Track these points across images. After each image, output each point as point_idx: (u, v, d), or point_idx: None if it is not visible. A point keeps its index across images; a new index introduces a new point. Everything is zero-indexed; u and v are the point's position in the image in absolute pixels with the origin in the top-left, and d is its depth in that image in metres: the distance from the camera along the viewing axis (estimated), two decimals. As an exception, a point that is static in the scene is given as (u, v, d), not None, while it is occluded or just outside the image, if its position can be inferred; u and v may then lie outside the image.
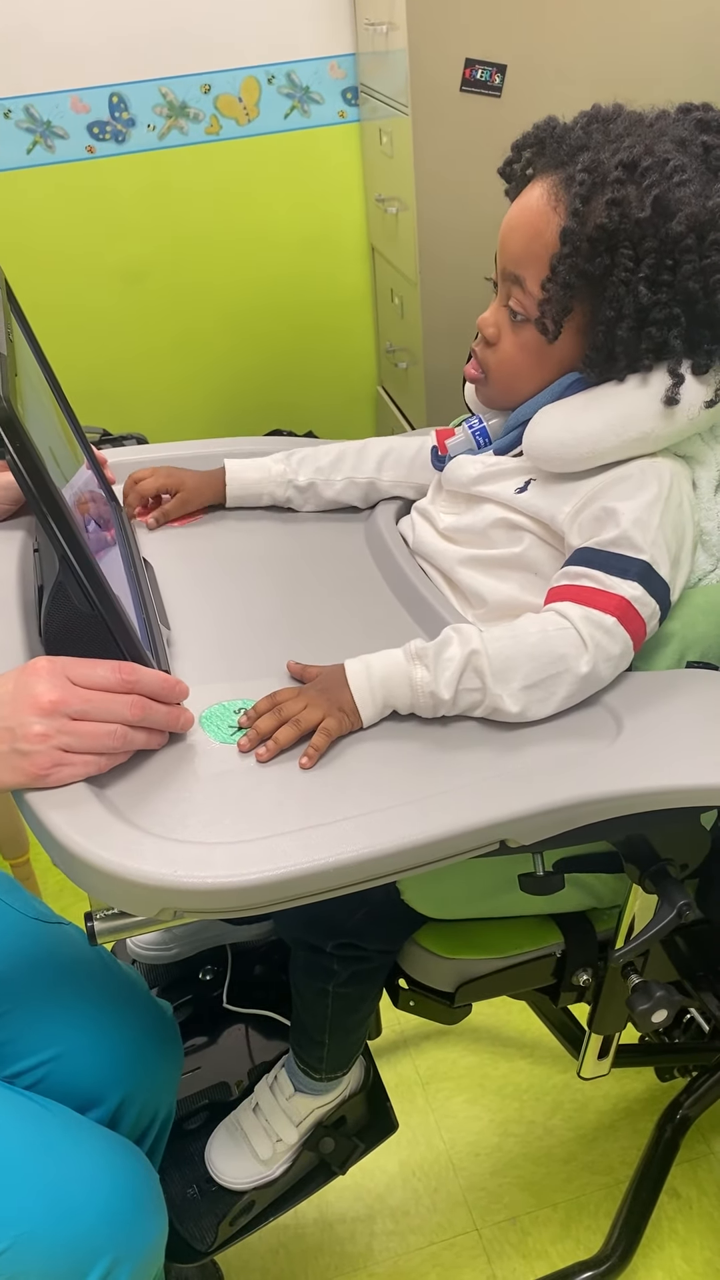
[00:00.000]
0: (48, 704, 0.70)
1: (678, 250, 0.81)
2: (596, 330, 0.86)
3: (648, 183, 0.81)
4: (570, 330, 0.88)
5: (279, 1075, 1.09)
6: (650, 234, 0.81)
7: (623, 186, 0.82)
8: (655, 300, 0.82)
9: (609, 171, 0.82)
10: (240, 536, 1.05)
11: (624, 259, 0.82)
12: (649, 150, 0.82)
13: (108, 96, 2.13)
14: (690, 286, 0.82)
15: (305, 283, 2.41)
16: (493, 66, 1.84)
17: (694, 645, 0.87)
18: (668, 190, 0.81)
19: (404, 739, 0.78)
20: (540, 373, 0.92)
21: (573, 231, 0.83)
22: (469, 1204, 1.39)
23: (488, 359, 0.94)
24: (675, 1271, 1.30)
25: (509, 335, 0.91)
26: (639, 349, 0.85)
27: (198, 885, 0.65)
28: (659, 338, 0.84)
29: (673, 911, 0.81)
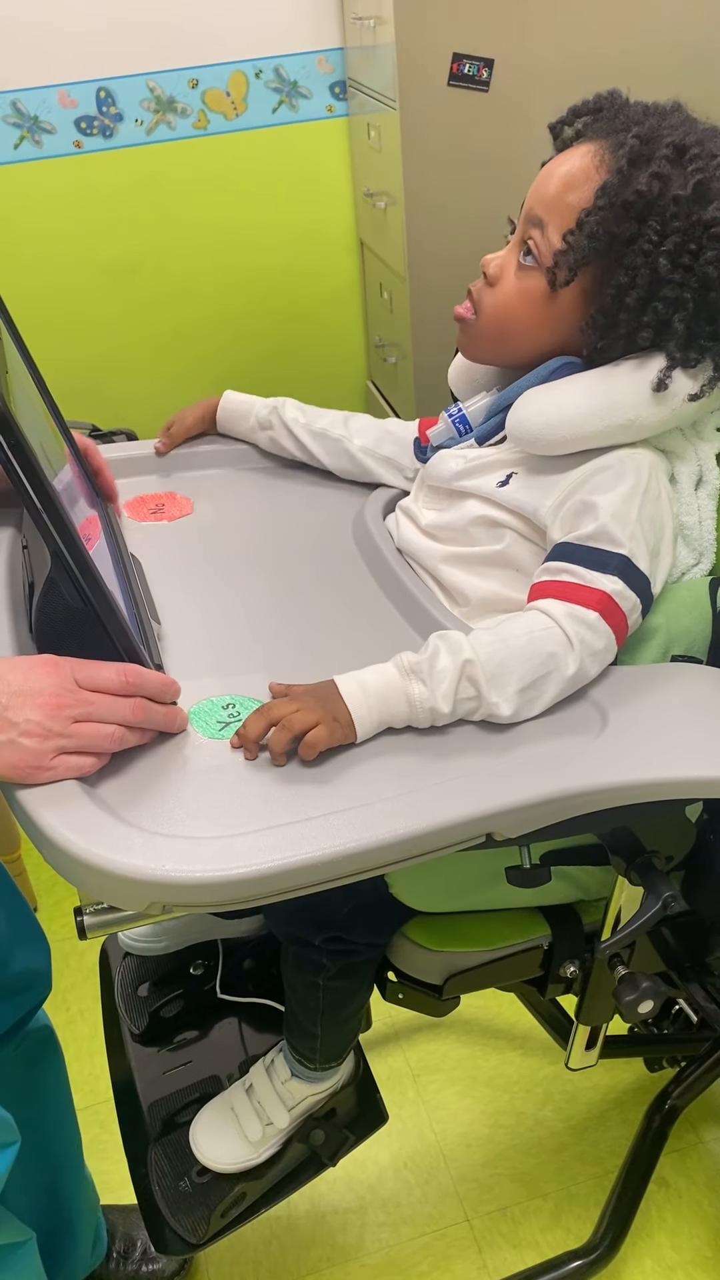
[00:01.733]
0: (54, 705, 0.70)
1: (706, 236, 0.82)
2: (605, 294, 0.86)
3: (693, 167, 0.82)
4: (576, 290, 0.88)
5: (275, 1059, 1.09)
6: (683, 214, 0.82)
7: (669, 164, 0.83)
8: (670, 277, 0.83)
9: (659, 147, 0.83)
10: (228, 533, 1.06)
11: (650, 230, 0.83)
12: (700, 142, 0.84)
13: (95, 91, 2.13)
14: (709, 273, 0.83)
15: (294, 277, 2.40)
16: (480, 61, 1.84)
17: (678, 639, 0.87)
18: (711, 178, 0.82)
19: (390, 735, 0.78)
20: (532, 325, 0.91)
21: (611, 189, 0.84)
22: (460, 1195, 1.40)
23: (484, 298, 0.93)
24: (664, 1260, 1.31)
25: (512, 278, 0.91)
26: (640, 321, 0.85)
27: (186, 879, 0.66)
28: (664, 314, 0.84)
29: (658, 903, 0.81)
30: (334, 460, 1.12)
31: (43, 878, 1.89)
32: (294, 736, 0.73)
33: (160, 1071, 1.18)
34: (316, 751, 0.74)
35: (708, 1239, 1.33)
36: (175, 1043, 1.21)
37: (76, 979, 1.73)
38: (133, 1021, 1.23)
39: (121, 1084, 1.18)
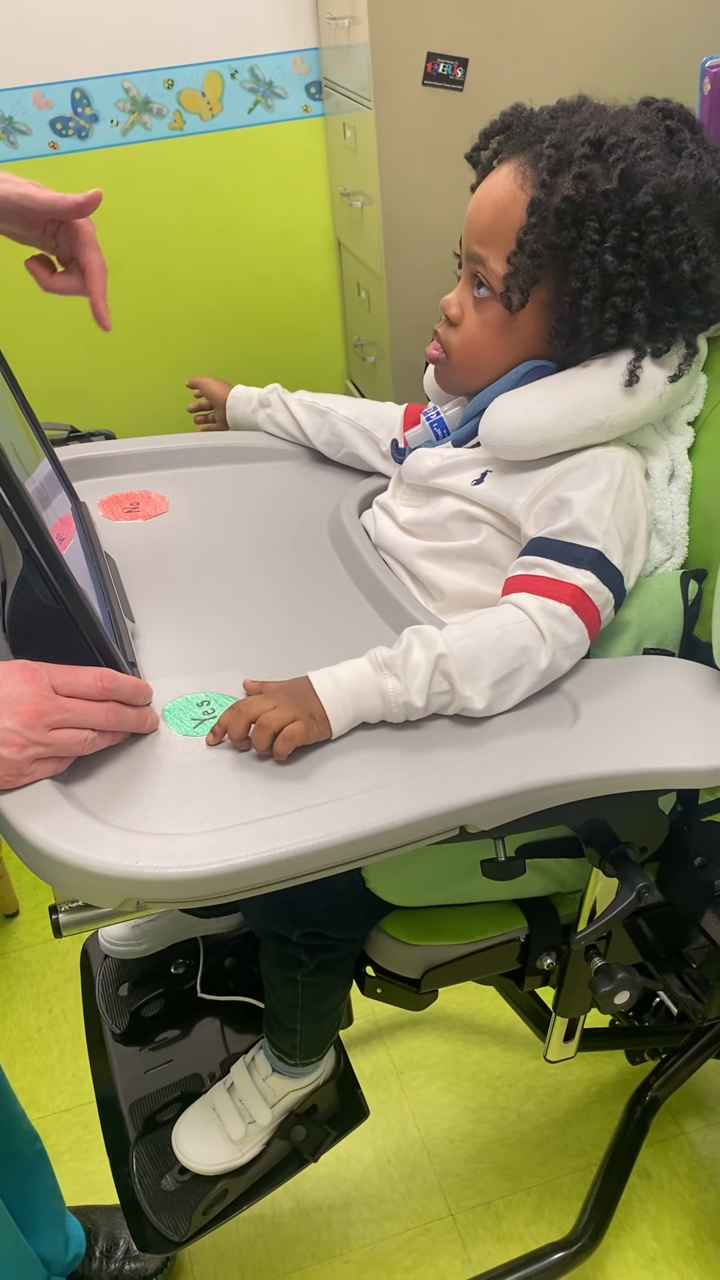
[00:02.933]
0: (32, 714, 0.70)
1: (644, 221, 0.83)
2: (562, 302, 0.87)
3: (614, 158, 0.83)
4: (534, 306, 0.89)
5: (256, 1057, 1.10)
6: (616, 206, 0.83)
7: (589, 162, 0.84)
8: (621, 270, 0.84)
9: (576, 148, 0.84)
10: (203, 531, 1.06)
11: (590, 231, 0.84)
12: (614, 130, 0.85)
13: (70, 92, 2.13)
14: (656, 256, 0.83)
15: (272, 278, 2.41)
16: (454, 60, 1.85)
17: (650, 632, 0.88)
18: (634, 164, 0.83)
19: (365, 730, 0.78)
20: (501, 351, 0.93)
21: (540, 203, 0.85)
22: (444, 1190, 1.40)
23: (450, 339, 0.95)
24: (646, 1250, 1.32)
25: (472, 314, 0.93)
26: (603, 319, 0.86)
27: (159, 875, 0.66)
28: (624, 308, 0.85)
29: (632, 894, 0.82)
30: (317, 432, 1.15)
31: (24, 881, 1.89)
32: (273, 734, 0.73)
33: (141, 1071, 1.18)
34: (292, 747, 0.74)
35: (689, 1228, 1.34)
36: (156, 1042, 1.21)
37: (58, 980, 1.73)
38: (114, 1021, 1.23)
39: (103, 1084, 1.18)
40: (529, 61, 1.85)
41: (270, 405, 1.18)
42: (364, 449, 1.12)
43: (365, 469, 1.13)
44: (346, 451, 1.13)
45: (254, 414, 1.19)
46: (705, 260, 0.85)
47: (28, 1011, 1.68)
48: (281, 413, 1.17)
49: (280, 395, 1.18)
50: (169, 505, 1.10)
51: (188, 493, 1.12)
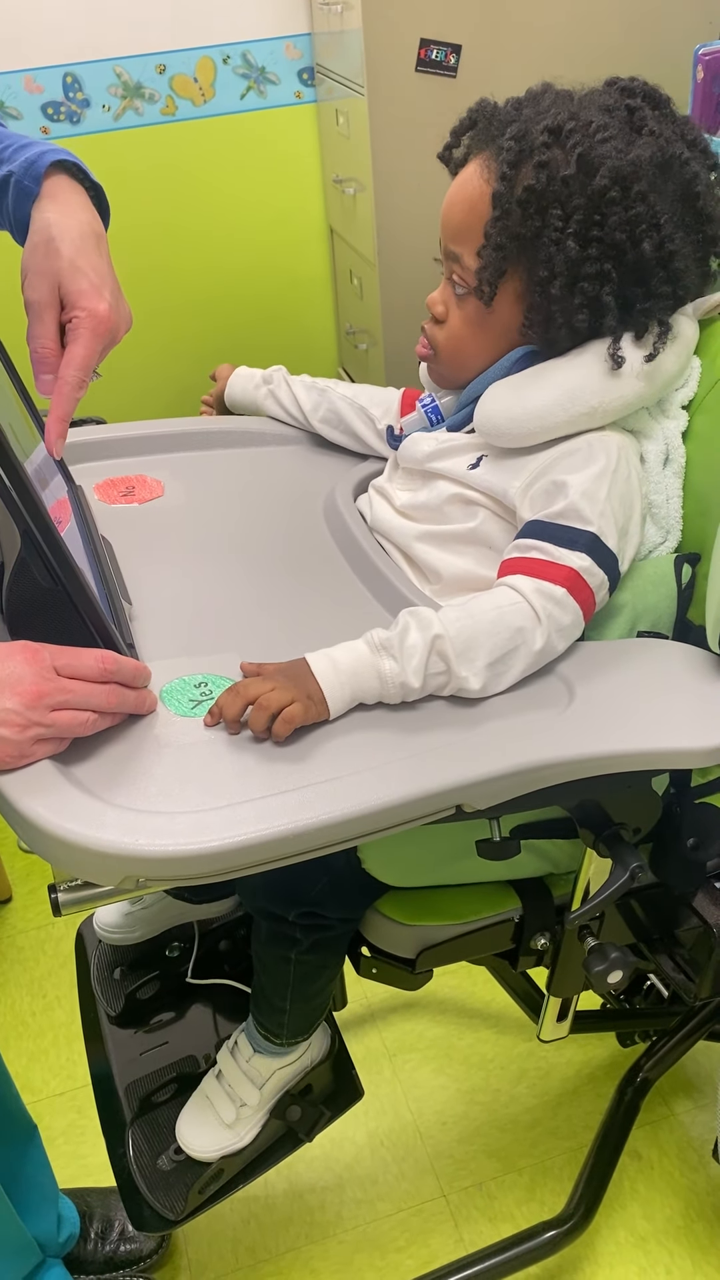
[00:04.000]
0: (34, 694, 0.70)
1: (604, 204, 0.84)
2: (533, 292, 0.88)
3: (572, 143, 0.84)
4: (509, 297, 0.90)
5: (238, 1040, 1.10)
6: (577, 191, 0.84)
7: (549, 150, 0.85)
8: (585, 255, 0.85)
9: (535, 137, 0.85)
10: (199, 514, 1.06)
11: (554, 219, 0.85)
12: (573, 116, 0.86)
13: (61, 76, 2.12)
14: (617, 238, 0.84)
15: (264, 265, 2.40)
16: (448, 47, 1.84)
17: (644, 615, 0.89)
18: (591, 148, 0.84)
19: (362, 711, 0.79)
20: (485, 345, 0.94)
21: (501, 195, 0.86)
22: (436, 1171, 1.42)
23: (436, 336, 0.97)
24: (637, 1230, 1.33)
25: (455, 311, 0.94)
26: (573, 305, 0.87)
27: (159, 853, 0.66)
28: (592, 292, 0.86)
29: (626, 874, 0.83)
30: (315, 408, 1.16)
31: (17, 867, 1.89)
32: (271, 715, 0.74)
33: (137, 1053, 1.19)
34: (291, 729, 0.74)
35: (679, 1208, 1.35)
36: (151, 1024, 1.21)
37: (53, 965, 1.73)
38: (109, 1004, 1.23)
39: (98, 1067, 1.19)
40: (522, 48, 1.85)
41: (272, 382, 1.19)
42: (360, 427, 1.13)
43: (361, 449, 1.14)
44: (344, 429, 1.14)
45: (256, 390, 1.20)
46: (669, 236, 0.85)
47: (22, 997, 1.69)
48: (283, 389, 1.18)
49: (283, 374, 1.19)
50: (165, 489, 1.10)
51: (183, 477, 1.12)
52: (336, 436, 1.15)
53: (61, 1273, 1.20)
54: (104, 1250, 1.29)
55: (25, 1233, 1.12)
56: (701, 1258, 1.30)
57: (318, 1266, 1.32)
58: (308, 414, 1.16)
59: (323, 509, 1.06)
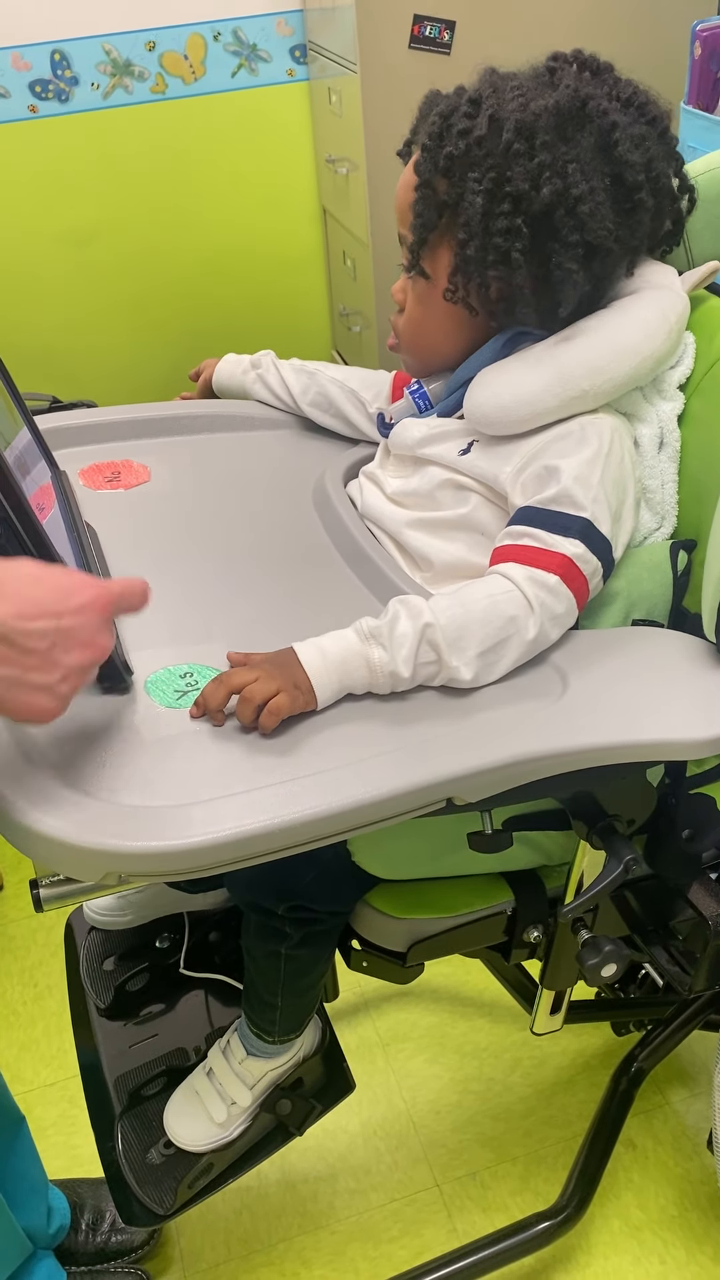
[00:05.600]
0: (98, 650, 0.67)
1: (510, 157, 0.84)
2: (456, 257, 0.88)
3: (486, 105, 0.85)
4: (444, 268, 0.90)
5: (231, 1040, 1.09)
6: (490, 150, 0.84)
7: (469, 118, 0.85)
8: (497, 211, 0.84)
9: (459, 108, 0.86)
10: (185, 501, 1.04)
11: (471, 182, 0.85)
12: (494, 86, 0.86)
13: (49, 54, 2.09)
14: (522, 188, 0.83)
15: (257, 245, 2.38)
16: (441, 23, 1.82)
17: (639, 603, 0.87)
18: (499, 108, 0.84)
19: (351, 702, 0.77)
20: (437, 323, 0.94)
21: (424, 164, 0.87)
22: (430, 1161, 1.41)
23: (398, 324, 0.98)
24: (631, 1219, 1.33)
25: (410, 295, 0.95)
26: (487, 261, 0.86)
27: (141, 849, 0.65)
28: (503, 248, 0.85)
29: (620, 866, 0.82)
30: (304, 392, 1.14)
31: (7, 856, 1.88)
32: (258, 706, 0.72)
33: (126, 1045, 1.18)
34: (278, 720, 0.73)
35: (673, 1197, 1.35)
36: (141, 1016, 1.20)
37: (43, 956, 1.72)
38: (98, 996, 1.22)
39: (88, 1058, 1.18)
40: (517, 23, 1.82)
41: (261, 366, 1.17)
42: (350, 411, 1.11)
43: (351, 432, 1.12)
44: (334, 412, 1.12)
45: (244, 375, 1.18)
46: (574, 183, 0.83)
47: (12, 986, 1.68)
48: (271, 374, 1.16)
49: (272, 358, 1.18)
50: (151, 474, 1.08)
51: (170, 462, 1.10)
52: (326, 420, 1.13)
53: (52, 1264, 1.20)
54: (95, 1241, 1.28)
55: (16, 1226, 1.12)
56: (696, 1246, 1.30)
57: (310, 1257, 1.31)
58: (296, 397, 1.14)
59: (312, 495, 1.04)
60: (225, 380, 1.19)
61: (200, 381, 1.21)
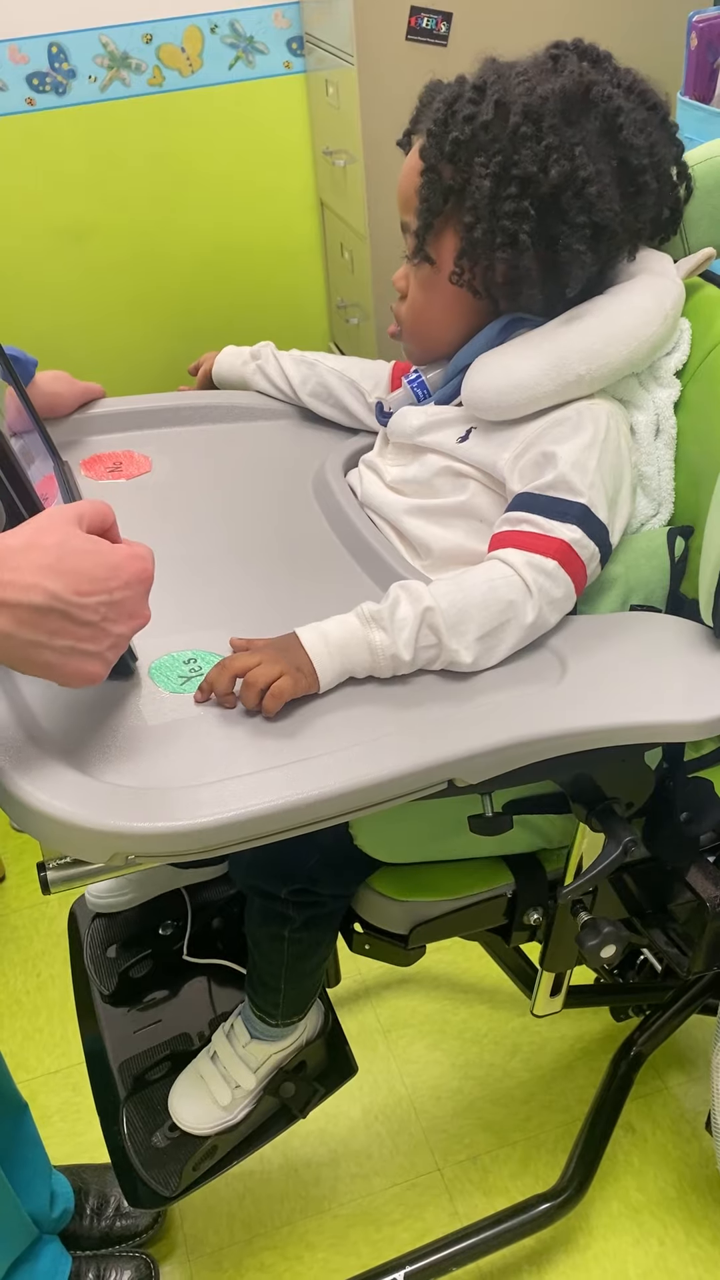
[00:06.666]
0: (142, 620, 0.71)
1: (518, 140, 0.84)
2: (463, 241, 0.89)
3: (491, 91, 0.85)
4: (449, 253, 0.91)
5: (235, 1023, 1.10)
6: (497, 135, 0.85)
7: (474, 104, 0.86)
8: (504, 194, 0.85)
9: (463, 94, 0.87)
10: (187, 490, 1.05)
11: (478, 166, 0.86)
12: (498, 73, 0.87)
13: (47, 46, 2.09)
14: (530, 170, 0.84)
15: (254, 238, 2.38)
16: (438, 15, 1.82)
17: (637, 589, 0.88)
18: (506, 92, 0.85)
19: (353, 686, 0.78)
20: (441, 309, 0.94)
21: (429, 150, 0.88)
22: (431, 1145, 1.42)
23: (400, 311, 0.98)
24: (630, 1201, 1.34)
25: (413, 282, 0.95)
26: (494, 244, 0.87)
27: (148, 829, 0.66)
28: (511, 230, 0.86)
29: (619, 848, 0.82)
30: (304, 382, 1.15)
31: (10, 846, 1.88)
32: (260, 690, 0.73)
33: (130, 1031, 1.19)
34: (281, 703, 0.74)
35: (672, 1180, 1.36)
36: (145, 1002, 1.21)
37: (46, 945, 1.73)
38: (102, 983, 1.23)
39: (92, 1045, 1.19)
40: (514, 15, 1.83)
41: (261, 357, 1.18)
42: (350, 400, 1.12)
43: (351, 422, 1.13)
44: (334, 402, 1.13)
45: (244, 366, 1.19)
46: (581, 165, 0.84)
47: (16, 975, 1.69)
48: (271, 364, 1.17)
49: (272, 349, 1.18)
50: (152, 465, 1.09)
51: (171, 452, 1.11)
52: (326, 410, 1.14)
53: (57, 1248, 1.21)
54: (100, 1226, 1.29)
55: (21, 1210, 1.13)
56: (694, 1228, 1.31)
57: (314, 1240, 1.33)
58: (296, 388, 1.15)
59: (312, 484, 1.05)
60: (225, 372, 1.19)
61: (200, 374, 1.22)
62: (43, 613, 0.63)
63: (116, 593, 0.68)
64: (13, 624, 0.63)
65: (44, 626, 0.64)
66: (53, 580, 0.64)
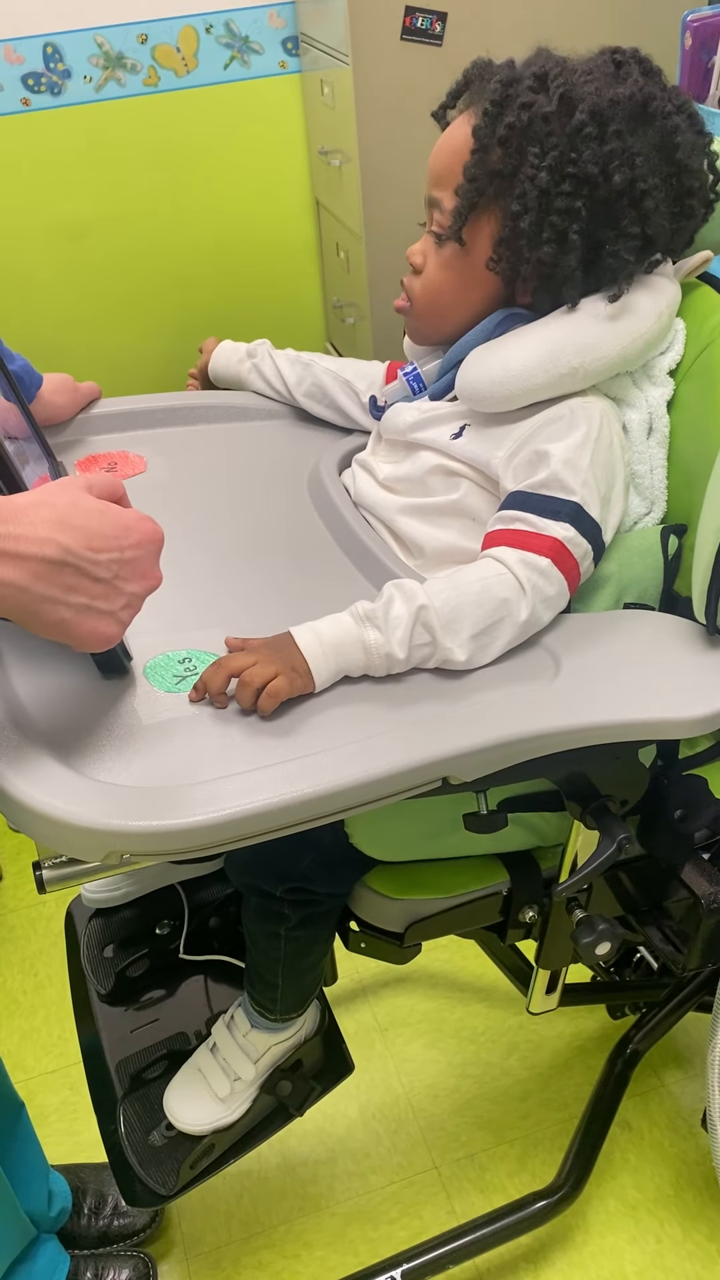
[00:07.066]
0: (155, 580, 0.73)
1: (580, 139, 0.84)
2: (505, 228, 0.88)
3: (556, 84, 0.85)
4: (484, 238, 0.90)
5: (235, 1014, 1.10)
6: (556, 129, 0.84)
7: (534, 93, 0.85)
8: (558, 190, 0.85)
9: (523, 81, 0.86)
10: (181, 491, 1.05)
11: (531, 155, 0.85)
12: (560, 64, 0.87)
13: (42, 46, 2.09)
14: (590, 171, 0.84)
15: (250, 238, 2.38)
16: (433, 14, 1.82)
17: (630, 587, 0.88)
18: (573, 87, 0.85)
19: (348, 684, 0.78)
20: (460, 290, 0.94)
21: (482, 130, 0.86)
22: (428, 1144, 1.42)
23: (413, 286, 0.96)
24: (627, 1199, 1.34)
25: (433, 258, 0.94)
26: (541, 240, 0.86)
27: (143, 828, 0.66)
28: (560, 226, 0.86)
29: (613, 845, 0.83)
30: (299, 382, 1.15)
31: (7, 847, 1.89)
32: (256, 690, 0.74)
33: (128, 1030, 1.19)
34: (277, 702, 0.74)
35: (669, 1177, 1.36)
36: (142, 1002, 1.21)
37: (44, 945, 1.73)
38: (99, 982, 1.23)
39: (89, 1044, 1.19)
40: (509, 15, 1.83)
41: (256, 356, 1.18)
42: (344, 400, 1.12)
43: (346, 423, 1.13)
44: (328, 403, 1.13)
45: (239, 365, 1.19)
46: (641, 176, 0.85)
47: (13, 975, 1.69)
48: (266, 363, 1.17)
49: (268, 348, 1.18)
50: (147, 465, 1.09)
51: (166, 453, 1.11)
52: (320, 411, 1.14)
53: (55, 1247, 1.21)
54: (97, 1225, 1.30)
55: (18, 1209, 1.13)
56: (691, 1225, 1.31)
57: (311, 1239, 1.33)
58: (291, 388, 1.15)
59: (307, 483, 1.05)
60: (221, 369, 1.20)
61: (199, 366, 1.22)
62: (57, 567, 0.64)
63: (128, 551, 0.69)
64: (28, 577, 0.63)
65: (58, 581, 0.65)
66: (65, 535, 0.64)
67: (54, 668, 0.80)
